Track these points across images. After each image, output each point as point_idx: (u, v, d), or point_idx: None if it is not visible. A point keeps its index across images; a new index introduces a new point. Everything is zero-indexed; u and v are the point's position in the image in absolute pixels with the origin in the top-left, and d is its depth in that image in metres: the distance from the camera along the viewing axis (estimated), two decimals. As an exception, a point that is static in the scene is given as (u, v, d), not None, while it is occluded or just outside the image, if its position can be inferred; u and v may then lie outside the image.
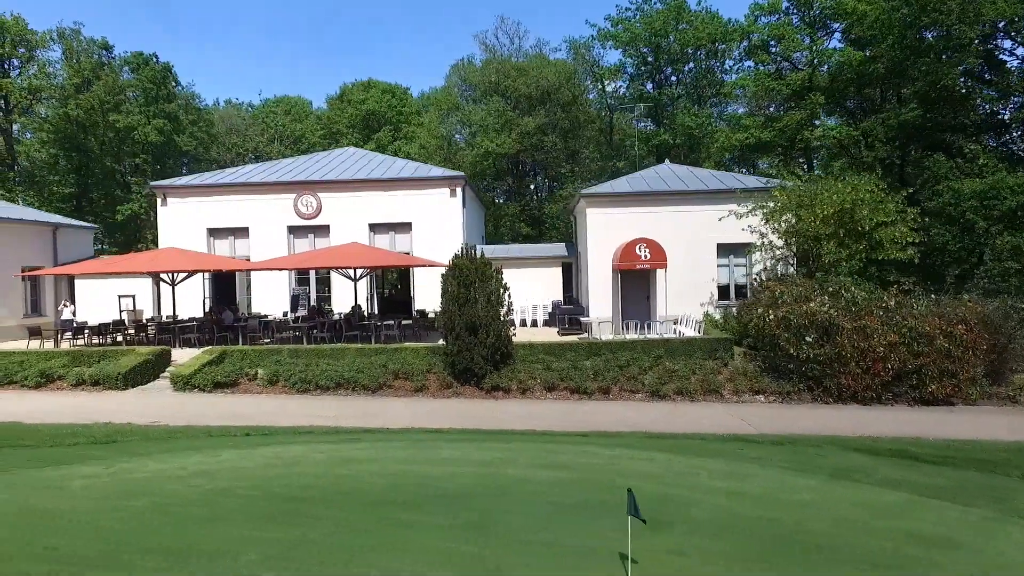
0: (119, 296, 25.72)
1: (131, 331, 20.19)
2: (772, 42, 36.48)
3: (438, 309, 24.21)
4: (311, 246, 25.30)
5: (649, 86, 41.74)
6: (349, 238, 24.38)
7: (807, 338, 13.44)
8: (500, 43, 50.39)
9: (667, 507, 5.59)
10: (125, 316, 25.49)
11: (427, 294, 24.50)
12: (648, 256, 18.67)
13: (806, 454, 8.26)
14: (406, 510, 5.34)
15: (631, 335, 18.60)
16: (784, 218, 16.53)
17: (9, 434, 9.28)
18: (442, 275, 15.29)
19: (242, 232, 25.29)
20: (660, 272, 19.83)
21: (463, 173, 25.67)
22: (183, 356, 16.59)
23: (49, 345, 19.57)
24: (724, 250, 20.47)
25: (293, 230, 25.21)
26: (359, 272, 20.65)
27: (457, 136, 49.91)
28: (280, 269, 22.26)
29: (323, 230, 25.18)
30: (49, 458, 7.68)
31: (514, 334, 15.56)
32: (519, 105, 46.90)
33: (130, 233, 49.92)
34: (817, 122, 34.52)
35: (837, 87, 34.34)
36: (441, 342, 17.11)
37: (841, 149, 36.46)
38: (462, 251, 14.90)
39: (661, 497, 5.87)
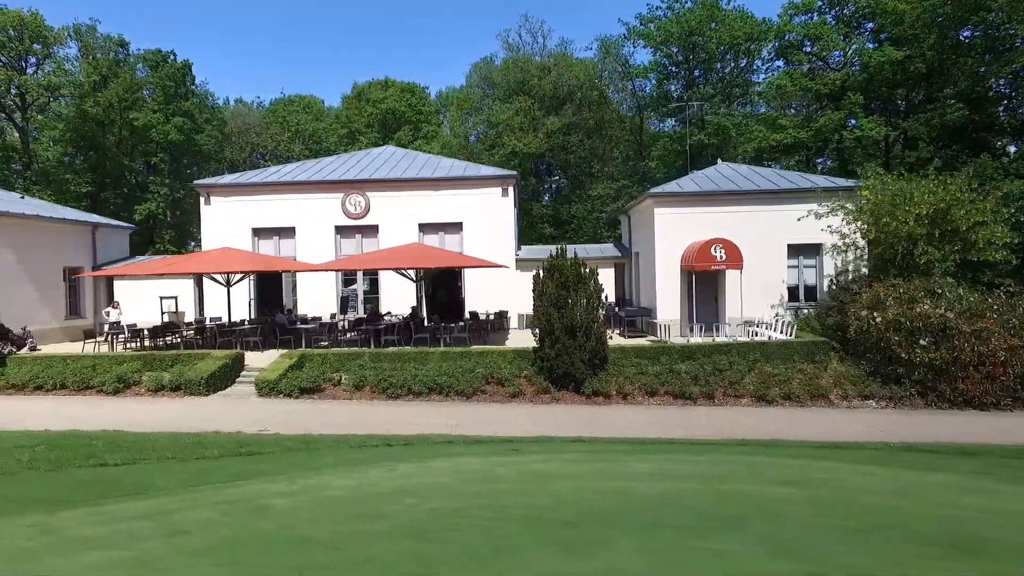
0: (161, 298, 25.08)
1: (187, 333, 19.57)
2: (807, 41, 36.27)
3: (491, 311, 23.98)
4: (358, 247, 24.78)
5: (674, 86, 41.44)
6: (398, 238, 23.90)
7: (921, 341, 13.05)
8: (523, 42, 50.07)
9: (957, 529, 5.11)
10: (167, 318, 24.88)
11: (479, 296, 24.07)
12: (724, 257, 18.24)
13: (1007, 466, 7.84)
14: (700, 536, 4.75)
15: (696, 339, 18.21)
16: (874, 218, 16.11)
17: (136, 446, 8.72)
18: (536, 276, 14.83)
19: (288, 232, 24.71)
20: (730, 273, 19.41)
21: (515, 172, 25.14)
22: (252, 360, 16.04)
23: (103, 348, 18.97)
24: (793, 251, 20.08)
25: (340, 230, 24.66)
26: (418, 274, 20.16)
27: (472, 136, 49.44)
28: (346, 270, 21.66)
29: (371, 230, 24.64)
30: (214, 473, 7.14)
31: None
32: (543, 104, 46.55)
33: (145, 234, 49.15)
34: (853, 122, 34.22)
35: (875, 87, 34.14)
36: (510, 344, 16.67)
37: (880, 150, 36.31)
38: (557, 252, 14.42)
39: (936, 519, 5.36)
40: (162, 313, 24.99)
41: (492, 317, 23.01)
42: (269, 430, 10.89)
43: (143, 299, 24.81)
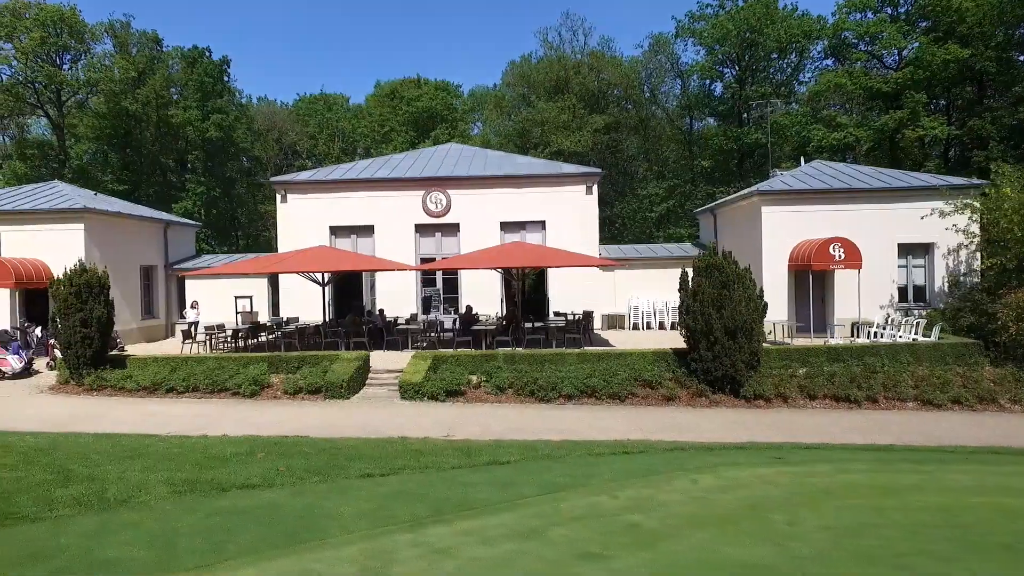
0: (236, 297, 24.55)
1: (275, 334, 19.01)
2: (863, 40, 35.94)
3: (577, 311, 23.48)
4: (437, 245, 24.30)
5: (717, 86, 41.05)
6: (479, 236, 23.45)
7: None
8: (564, 39, 49.59)
9: None
10: (241, 318, 24.37)
11: (563, 296, 23.59)
12: (843, 256, 17.81)
13: None
14: None
15: (799, 340, 17.83)
16: (1020, 217, 15.69)
17: (367, 454, 8.18)
18: (684, 275, 14.37)
19: (366, 231, 24.20)
20: (839, 273, 18.99)
21: (599, 169, 24.68)
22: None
23: (191, 349, 18.43)
24: (903, 250, 19.68)
25: (419, 228, 24.16)
26: (519, 273, 19.68)
27: (488, 136, 48.88)
28: (448, 269, 21.09)
29: (451, 228, 24.15)
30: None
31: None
32: (587, 103, 46.11)
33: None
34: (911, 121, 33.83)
35: (935, 85, 33.82)
36: (624, 346, 16.19)
37: (941, 149, 35.99)
38: (712, 249, 13.96)
39: None
40: (237, 313, 24.46)
41: (579, 317, 22.54)
42: (455, 435, 10.40)
43: (216, 299, 24.27)
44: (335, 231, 24.16)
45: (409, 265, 21.07)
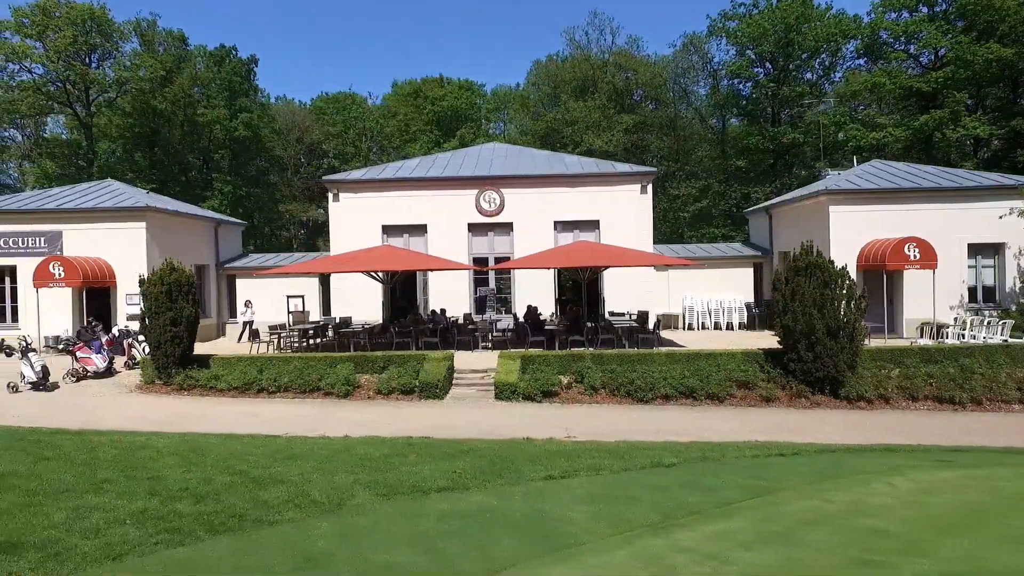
0: (288, 297, 24.43)
1: (348, 333, 18.86)
2: (900, 39, 35.79)
3: (632, 311, 23.33)
4: (490, 245, 24.17)
5: (743, 85, 40.89)
6: (532, 236, 23.33)
7: None
8: (590, 39, 49.46)
9: None
10: (293, 318, 24.26)
11: (617, 296, 23.45)
12: (918, 256, 17.68)
13: None
14: None
15: (872, 341, 17.66)
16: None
17: (541, 455, 8.04)
18: (777, 274, 14.22)
19: (418, 230, 24.06)
20: (909, 273, 18.87)
21: (654, 169, 24.54)
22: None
23: (257, 348, 18.33)
24: (973, 250, 19.54)
25: (472, 227, 24.02)
26: (584, 272, 19.56)
27: (513, 135, 48.73)
28: (520, 268, 20.90)
29: (504, 228, 24.01)
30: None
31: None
32: (616, 102, 45.98)
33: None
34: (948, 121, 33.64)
35: (976, 85, 33.67)
36: (696, 346, 16.05)
37: (977, 149, 35.83)
38: (807, 249, 13.82)
39: None
40: (288, 313, 24.34)
41: (634, 317, 22.40)
42: (577, 436, 10.26)
43: (267, 298, 24.13)
44: (387, 230, 24.01)
45: (478, 265, 20.92)
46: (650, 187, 23.73)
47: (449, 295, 23.52)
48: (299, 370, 14.00)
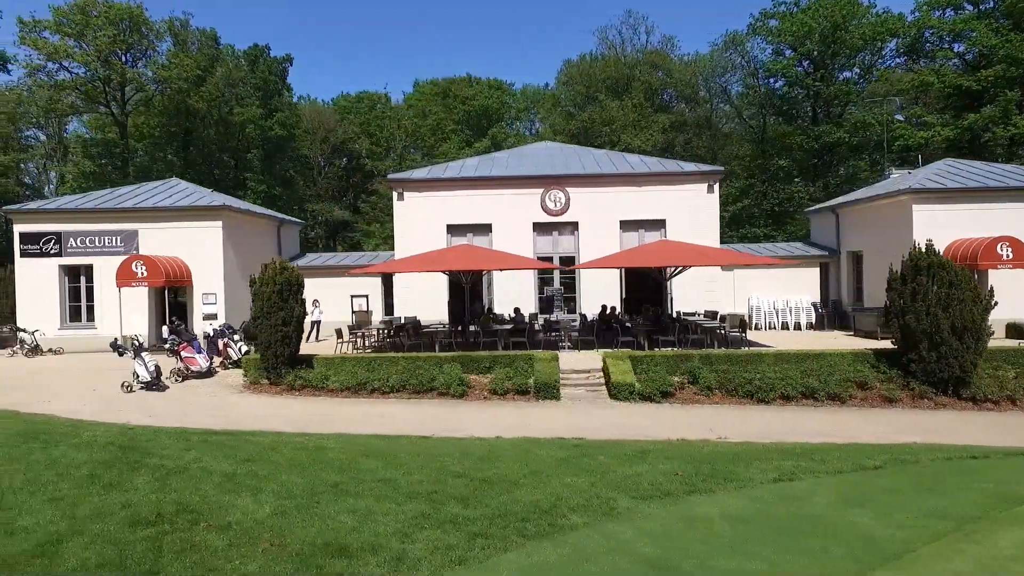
0: (352, 296, 24.35)
1: (424, 332, 18.72)
2: (945, 37, 35.62)
3: (699, 311, 23.18)
4: (553, 244, 24.04)
5: (778, 83, 40.70)
6: (597, 235, 23.25)
7: None
8: (624, 38, 49.34)
9: None
10: (356, 317, 24.16)
11: (684, 295, 23.30)
12: (1011, 255, 17.54)
13: None
14: None
15: None
16: None
17: (691, 455, 7.90)
18: (893, 273, 14.06)
19: (483, 229, 23.94)
20: (995, 273, 18.68)
21: (721, 168, 24.38)
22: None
23: (339, 348, 18.20)
24: (1056, 249, 19.33)
25: (537, 227, 23.89)
26: (671, 272, 19.39)
27: (547, 135, 48.58)
28: (602, 267, 20.71)
29: (568, 227, 23.89)
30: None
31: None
32: (652, 101, 45.83)
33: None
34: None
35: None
36: (783, 346, 15.91)
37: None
38: (928, 248, 13.65)
39: None
40: (352, 312, 24.27)
41: (702, 316, 22.24)
42: (727, 437, 10.12)
43: (328, 298, 24.03)
44: (451, 229, 23.89)
45: (561, 264, 20.79)
46: (717, 186, 23.59)
47: (514, 295, 23.40)
48: (409, 370, 13.87)
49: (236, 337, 16.50)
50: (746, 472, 7.19)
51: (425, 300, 23.33)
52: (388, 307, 24.75)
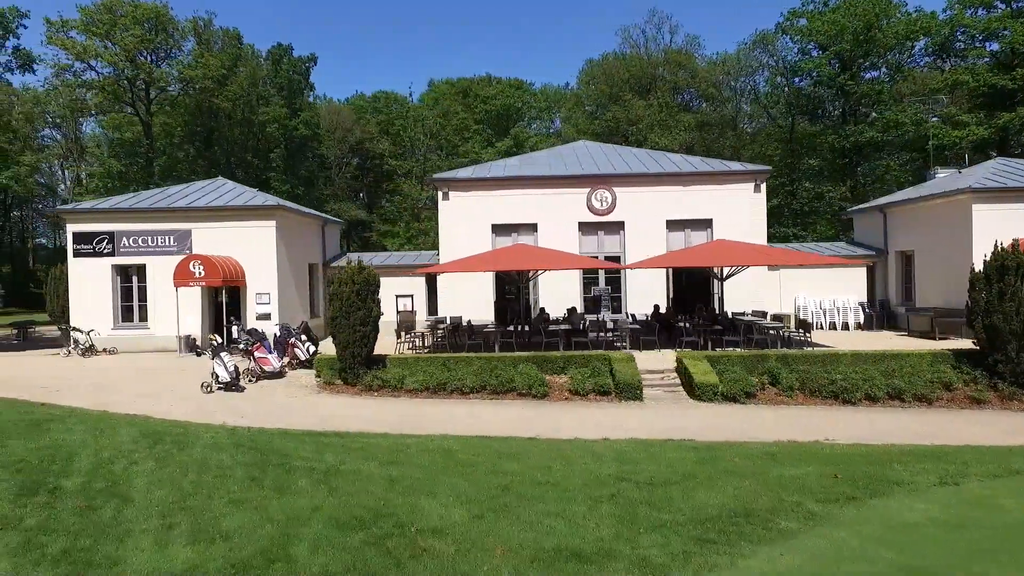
0: (397, 296, 24.25)
1: (481, 332, 18.62)
2: (978, 36, 35.46)
3: (746, 310, 23.03)
4: (599, 244, 23.91)
5: (804, 82, 40.51)
6: (644, 235, 23.11)
7: None
8: (648, 37, 49.19)
9: None
10: (400, 317, 24.11)
11: (730, 295, 23.13)
12: (1077, 254, 17.36)
13: None
14: None
15: None
16: None
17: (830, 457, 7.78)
18: (976, 274, 13.93)
19: (527, 228, 23.81)
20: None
21: (768, 167, 24.25)
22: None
23: (399, 348, 18.11)
24: (1117, 249, 19.18)
25: (583, 227, 23.77)
26: (723, 272, 19.30)
27: (570, 134, 48.43)
28: (658, 267, 20.63)
29: (614, 227, 23.74)
30: None
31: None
32: (678, 101, 45.70)
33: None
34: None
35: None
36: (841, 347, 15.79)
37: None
38: (1016, 248, 13.52)
39: None
40: (397, 312, 24.20)
41: (749, 316, 22.11)
42: (834, 439, 10.00)
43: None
44: (496, 229, 23.78)
45: (618, 263, 20.67)
46: (764, 185, 23.46)
47: (558, 295, 23.28)
48: (485, 371, 13.77)
49: (303, 337, 16.41)
50: (901, 475, 7.08)
51: (470, 300, 23.22)
52: (432, 307, 24.65)
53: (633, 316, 22.25)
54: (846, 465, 7.68)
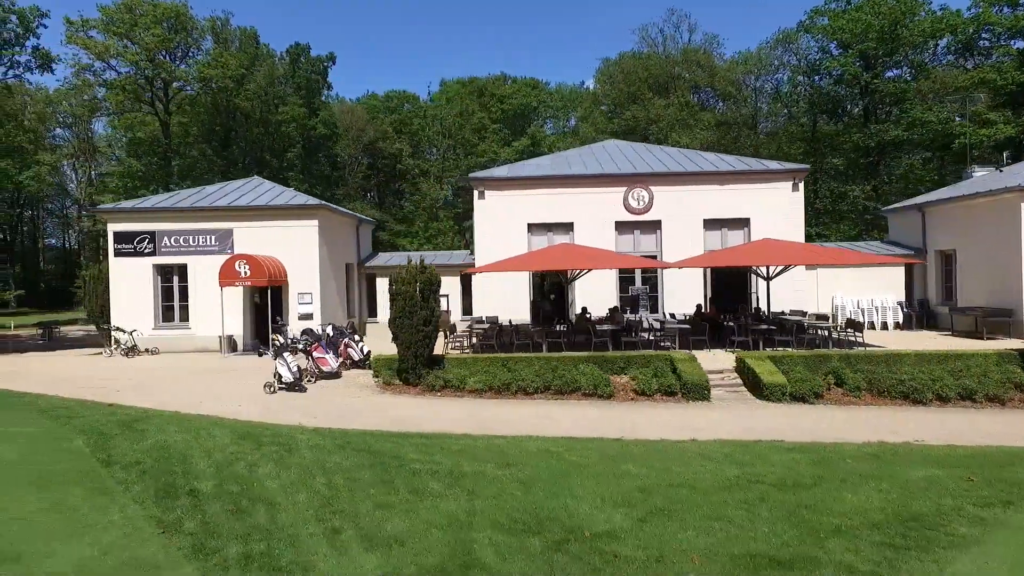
0: (432, 295, 24.08)
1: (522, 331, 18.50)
2: (1004, 34, 35.33)
3: (785, 309, 22.87)
4: (635, 243, 23.77)
5: (822, 81, 40.37)
6: (680, 234, 23.00)
7: None
8: (666, 36, 49.07)
9: None
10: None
11: (781, 294, 22.95)
12: None
13: None
14: None
15: None
16: None
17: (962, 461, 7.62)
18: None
19: (563, 228, 23.68)
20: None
21: (806, 165, 24.10)
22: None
23: (444, 346, 17.98)
24: None
25: (619, 226, 23.63)
26: (772, 270, 19.15)
27: (590, 133, 48.24)
28: (703, 266, 20.50)
29: (650, 226, 23.61)
30: None
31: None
32: (699, 100, 45.57)
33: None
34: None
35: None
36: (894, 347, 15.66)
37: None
38: None
39: None
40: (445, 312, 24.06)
41: (787, 315, 21.96)
42: (924, 440, 9.87)
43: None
44: (532, 228, 23.65)
45: (663, 262, 20.53)
46: (802, 184, 23.33)
47: (595, 294, 23.13)
48: (547, 371, 13.64)
49: (357, 337, 16.29)
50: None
51: (506, 300, 23.08)
52: (467, 306, 24.53)
53: (672, 315, 22.14)
54: (964, 468, 7.55)
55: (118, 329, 19.19)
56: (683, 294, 23.02)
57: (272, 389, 13.02)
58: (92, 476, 7.17)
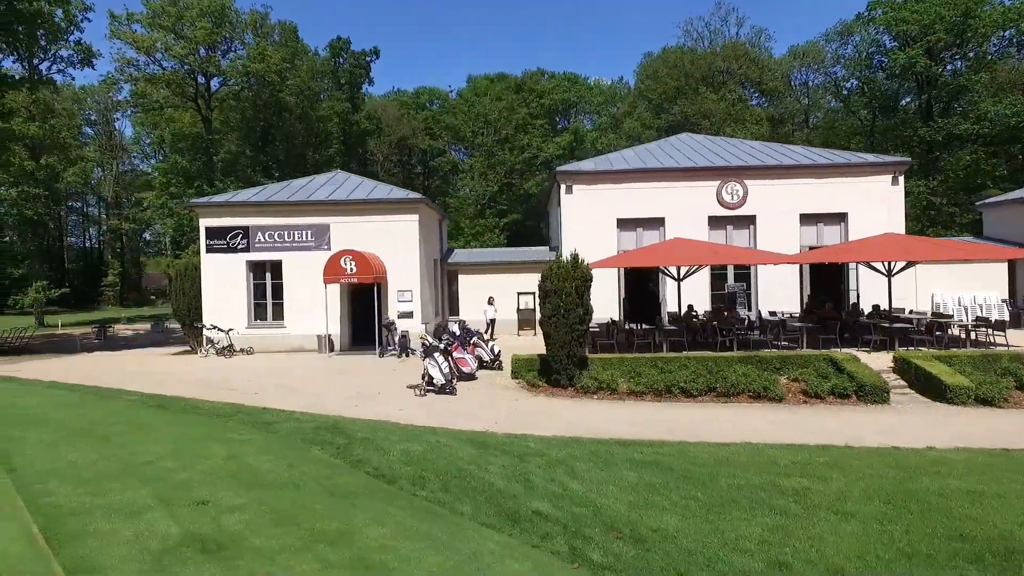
0: (518, 293, 23.40)
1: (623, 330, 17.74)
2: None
3: (898, 308, 22.04)
4: (727, 239, 22.97)
5: (874, 73, 39.57)
6: (775, 230, 22.22)
7: None
8: (711, 30, 48.29)
9: None
10: (519, 315, 23.24)
11: (865, 292, 22.21)
12: None
13: None
14: None
15: None
16: None
17: None
18: None
19: (653, 223, 22.89)
20: None
21: (908, 158, 23.29)
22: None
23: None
24: None
25: (712, 221, 22.84)
26: (895, 266, 18.36)
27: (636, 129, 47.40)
28: (830, 261, 19.64)
29: (744, 221, 22.81)
30: None
31: None
32: (751, 94, 44.75)
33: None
34: None
35: None
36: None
37: None
38: None
39: None
40: (518, 310, 23.37)
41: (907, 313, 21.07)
42: None
43: (479, 298, 23.08)
44: (621, 223, 22.87)
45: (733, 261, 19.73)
46: (902, 178, 22.53)
47: (686, 292, 22.33)
48: (703, 372, 12.90)
49: (486, 336, 15.56)
50: None
51: (595, 298, 22.30)
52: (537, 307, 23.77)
53: (773, 313, 21.39)
54: None
55: (214, 328, 18.47)
56: (780, 292, 22.28)
57: (421, 391, 12.28)
58: (387, 494, 6.07)
